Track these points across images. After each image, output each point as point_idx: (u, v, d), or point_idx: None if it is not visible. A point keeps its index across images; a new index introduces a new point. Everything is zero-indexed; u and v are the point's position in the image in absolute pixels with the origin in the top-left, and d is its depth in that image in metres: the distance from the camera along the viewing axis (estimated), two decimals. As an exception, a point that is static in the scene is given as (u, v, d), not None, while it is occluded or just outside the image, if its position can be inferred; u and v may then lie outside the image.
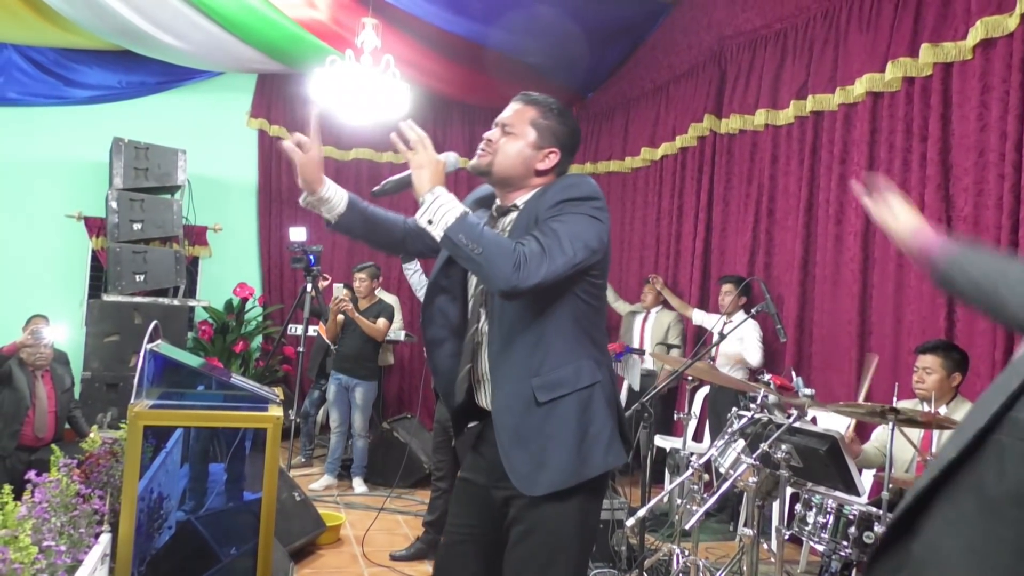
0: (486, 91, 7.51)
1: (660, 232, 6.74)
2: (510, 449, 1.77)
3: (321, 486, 5.46)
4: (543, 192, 1.84)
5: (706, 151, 6.12)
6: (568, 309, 1.79)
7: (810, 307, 4.98)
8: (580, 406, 1.77)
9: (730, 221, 5.86)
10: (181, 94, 7.28)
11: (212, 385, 2.64)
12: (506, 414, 1.79)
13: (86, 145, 6.84)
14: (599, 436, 1.79)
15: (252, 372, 6.96)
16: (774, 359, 5.12)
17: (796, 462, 3.03)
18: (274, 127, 7.54)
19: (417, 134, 1.77)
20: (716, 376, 4.18)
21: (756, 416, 3.10)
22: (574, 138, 1.93)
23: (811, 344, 4.94)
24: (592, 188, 1.80)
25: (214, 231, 7.32)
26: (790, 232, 5.19)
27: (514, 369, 1.78)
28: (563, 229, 1.70)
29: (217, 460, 2.62)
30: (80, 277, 6.99)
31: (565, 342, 1.79)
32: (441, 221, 1.67)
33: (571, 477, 1.75)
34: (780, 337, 3.84)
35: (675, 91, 6.64)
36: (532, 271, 1.63)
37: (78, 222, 6.89)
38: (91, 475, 2.50)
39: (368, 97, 5.55)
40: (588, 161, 8.00)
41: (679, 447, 4.30)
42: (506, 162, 1.87)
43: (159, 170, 6.28)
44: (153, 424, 2.24)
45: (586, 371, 1.80)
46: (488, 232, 1.68)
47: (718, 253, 5.95)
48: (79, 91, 6.90)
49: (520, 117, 1.91)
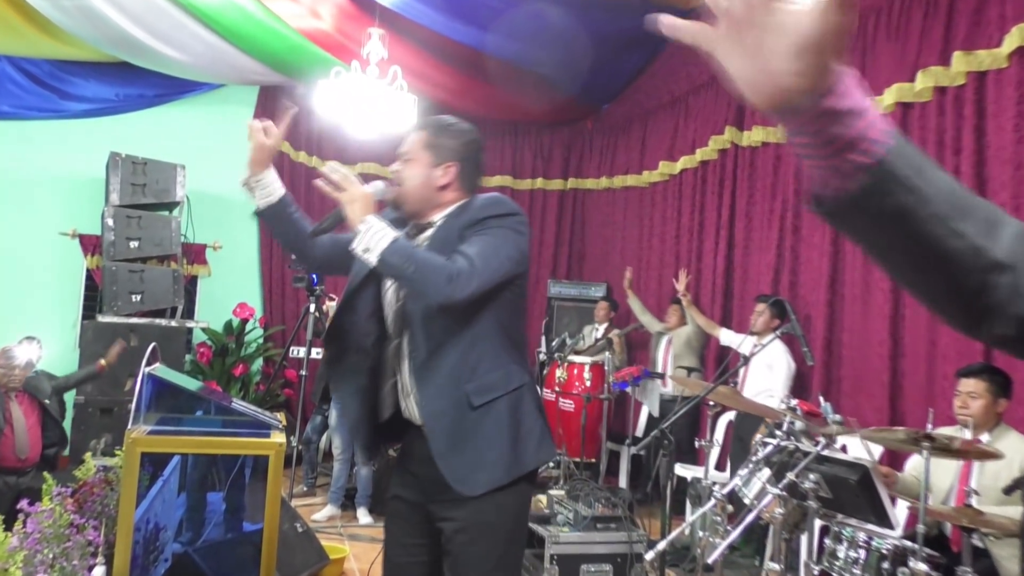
0: (496, 103, 7.57)
1: (680, 250, 6.74)
2: (447, 454, 1.93)
3: (324, 517, 5.45)
4: (462, 209, 2.03)
5: (727, 165, 6.13)
6: (495, 317, 1.97)
7: (839, 328, 4.95)
8: (511, 407, 1.97)
9: (753, 238, 5.86)
10: (180, 107, 7.37)
11: (211, 410, 2.65)
12: (440, 419, 1.95)
13: (82, 160, 6.91)
14: (530, 433, 2.00)
15: (252, 396, 6.98)
16: (801, 383, 5.09)
17: (825, 492, 3.01)
18: (276, 141, 7.60)
19: (341, 174, 1.95)
20: (740, 402, 4.16)
21: (782, 444, 3.08)
22: (469, 147, 2.10)
23: (840, 367, 4.91)
24: (512, 205, 2.03)
25: (213, 249, 7.37)
26: (816, 249, 5.17)
27: (445, 376, 1.95)
28: (490, 243, 1.91)
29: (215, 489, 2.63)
30: (74, 297, 7.04)
31: (494, 347, 1.98)
32: (376, 247, 1.86)
33: (508, 473, 1.94)
34: (807, 360, 3.83)
35: (695, 102, 6.65)
36: (464, 284, 1.83)
37: (72, 240, 6.95)
38: (85, 504, 2.51)
39: (374, 109, 5.61)
40: (604, 175, 8.02)
41: (701, 476, 4.27)
42: (410, 188, 2.05)
43: (157, 186, 6.35)
44: (151, 451, 2.24)
45: (515, 374, 2.00)
46: (420, 252, 1.89)
47: (741, 272, 5.94)
48: (75, 104, 6.99)
49: (414, 144, 2.08)
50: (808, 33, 0.67)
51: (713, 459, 4.69)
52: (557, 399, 6.42)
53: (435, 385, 1.96)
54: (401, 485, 2.12)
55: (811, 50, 0.67)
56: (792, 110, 0.70)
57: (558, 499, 4.03)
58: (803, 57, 0.67)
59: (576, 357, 6.52)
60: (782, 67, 0.68)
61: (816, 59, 0.67)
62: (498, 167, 8.45)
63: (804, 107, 0.70)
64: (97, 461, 2.82)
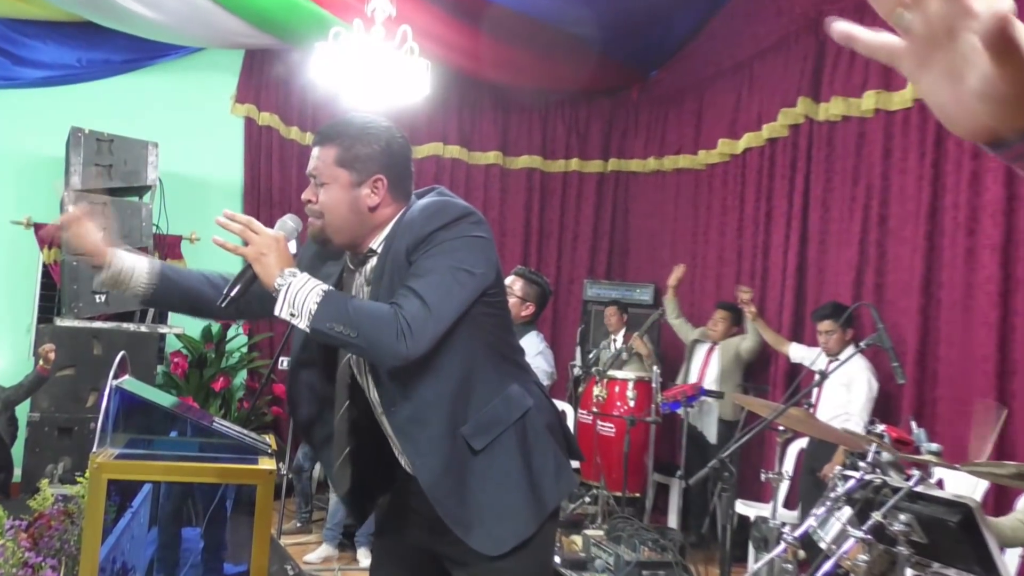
0: (523, 69, 7.57)
1: (743, 245, 6.71)
2: (457, 514, 1.92)
3: (318, 557, 5.48)
4: (399, 227, 1.96)
5: (800, 143, 6.10)
6: (477, 339, 1.95)
7: (934, 340, 4.92)
8: (519, 439, 1.96)
9: (831, 231, 5.82)
10: (152, 75, 7.43)
11: (187, 431, 2.67)
12: (443, 479, 1.92)
13: (37, 136, 6.97)
14: (545, 466, 1.99)
15: (235, 415, 7.03)
16: (886, 406, 5.05)
17: (919, 536, 2.98)
18: (264, 114, 7.66)
19: (240, 222, 1.90)
20: (815, 427, 4.12)
21: (866, 478, 3.05)
22: (392, 149, 2.01)
23: (935, 387, 4.87)
24: (459, 207, 1.95)
25: (190, 242, 7.44)
26: (907, 245, 5.14)
27: (435, 426, 1.92)
28: (440, 266, 1.85)
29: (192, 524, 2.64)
30: (28, 297, 7.12)
31: (485, 374, 1.96)
32: (304, 311, 1.80)
33: (532, 522, 1.94)
34: (897, 378, 3.79)
35: (761, 69, 6.62)
36: (419, 335, 1.78)
37: (27, 229, 7.03)
38: (41, 540, 2.54)
39: (380, 77, 5.62)
40: (652, 156, 8.00)
41: (767, 515, 4.25)
42: (336, 219, 1.98)
43: (125, 167, 6.41)
44: (119, 478, 2.27)
45: (515, 397, 1.99)
46: (358, 308, 1.82)
47: (815, 271, 5.90)
48: (29, 71, 7.06)
49: (324, 162, 2.00)
50: (1003, 68, 0.64)
51: (782, 495, 4.66)
52: (595, 421, 6.41)
53: (426, 440, 1.94)
54: (399, 523, 2.12)
55: (1007, 85, 0.65)
56: (997, 144, 0.70)
57: (596, 541, 4.02)
58: (997, 94, 0.65)
59: (618, 372, 6.51)
60: (976, 102, 0.67)
61: (1015, 95, 0.65)
62: (525, 146, 8.45)
63: (1011, 141, 0.69)
64: (55, 489, 2.85)
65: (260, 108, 7.70)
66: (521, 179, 8.45)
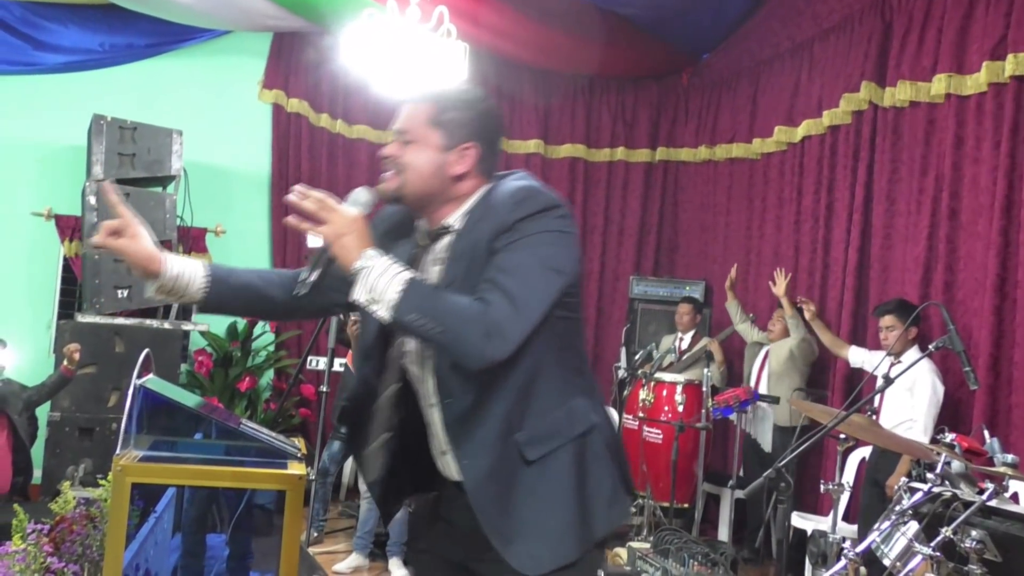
0: (565, 53, 7.56)
1: (800, 240, 6.67)
2: (499, 524, 1.89)
3: (348, 567, 5.52)
4: (483, 208, 1.95)
5: (864, 131, 6.05)
6: (548, 342, 1.91)
7: (1008, 343, 4.86)
8: (576, 457, 1.93)
9: (896, 225, 5.77)
10: (177, 60, 7.51)
11: (213, 433, 2.69)
12: (488, 484, 1.91)
13: (58, 124, 7.07)
14: (600, 491, 1.96)
15: (261, 416, 7.10)
16: (954, 413, 5.02)
17: (992, 555, 2.95)
18: (293, 100, 7.72)
19: (314, 200, 1.88)
20: (879, 435, 4.08)
21: (935, 490, 3.03)
22: (490, 122, 2.04)
23: (1010, 394, 4.81)
24: (548, 195, 1.94)
25: (216, 234, 7.51)
26: (981, 241, 5.08)
27: (490, 427, 1.90)
28: (528, 261, 1.84)
29: (217, 530, 2.67)
30: (48, 291, 7.23)
31: (549, 382, 1.93)
32: (384, 298, 1.79)
33: (576, 546, 1.91)
34: (970, 384, 3.73)
35: (821, 51, 6.57)
36: (507, 336, 1.78)
37: (47, 221, 7.13)
38: (63, 545, 2.58)
39: (415, 61, 5.64)
40: (703, 144, 7.97)
41: (826, 529, 4.22)
42: (417, 179, 1.97)
43: (149, 156, 6.49)
44: (144, 481, 2.29)
45: (579, 412, 1.96)
46: (443, 300, 1.81)
47: (879, 268, 5.85)
48: (51, 56, 7.16)
49: (415, 120, 2.00)
50: None
51: (842, 507, 4.62)
52: (640, 427, 6.40)
53: (478, 439, 1.91)
54: (434, 535, 2.11)
55: None
56: None
57: (642, 554, 4.01)
58: None
59: (665, 375, 6.49)
60: None
61: None
62: (568, 134, 8.45)
63: None
64: (77, 492, 2.89)
65: (289, 94, 7.75)
66: (564, 169, 8.45)
